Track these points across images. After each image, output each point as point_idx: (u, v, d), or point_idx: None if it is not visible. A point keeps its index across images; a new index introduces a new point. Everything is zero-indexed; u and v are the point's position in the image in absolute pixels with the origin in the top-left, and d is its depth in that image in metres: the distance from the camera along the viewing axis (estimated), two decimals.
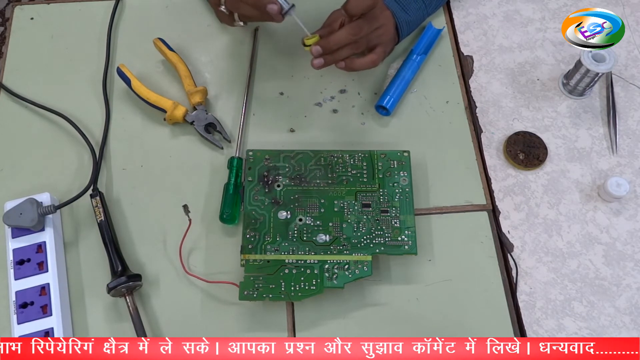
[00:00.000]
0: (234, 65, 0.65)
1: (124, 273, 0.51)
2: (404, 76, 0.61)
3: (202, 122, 0.59)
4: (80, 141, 0.59)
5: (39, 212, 0.52)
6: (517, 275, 0.54)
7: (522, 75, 0.65)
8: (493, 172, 0.59)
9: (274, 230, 0.53)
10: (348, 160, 0.56)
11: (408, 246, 0.52)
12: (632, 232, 0.56)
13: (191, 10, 0.69)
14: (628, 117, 0.62)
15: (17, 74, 0.64)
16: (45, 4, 0.69)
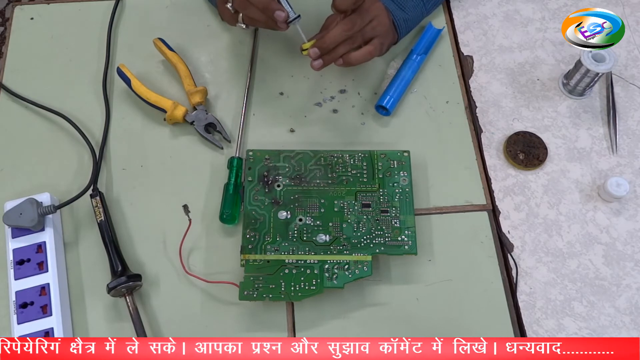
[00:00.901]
0: (234, 65, 0.65)
1: (124, 273, 0.51)
2: (404, 76, 0.61)
3: (202, 122, 0.59)
4: (80, 141, 0.59)
5: (39, 212, 0.52)
6: (517, 275, 0.54)
7: (522, 75, 0.65)
8: (493, 172, 0.59)
9: (274, 230, 0.53)
10: (348, 160, 0.56)
11: (408, 246, 0.52)
12: (632, 232, 0.56)
13: (191, 10, 0.69)
14: (628, 117, 0.62)
15: (17, 74, 0.64)
16: (45, 4, 0.69)
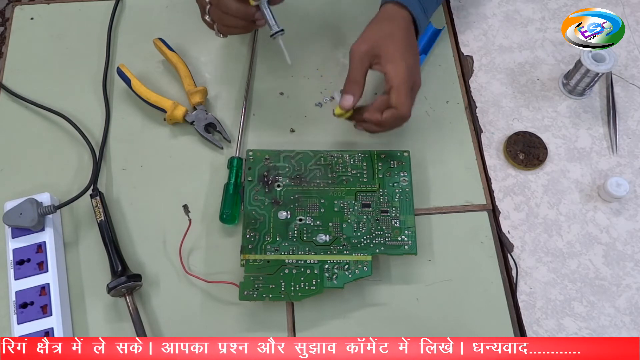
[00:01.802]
0: (234, 65, 0.65)
1: (124, 273, 0.51)
2: None
3: (202, 122, 0.59)
4: (80, 141, 0.59)
5: (39, 212, 0.52)
6: (517, 275, 0.54)
7: (522, 75, 0.65)
8: (493, 172, 0.59)
9: (274, 230, 0.53)
10: (348, 160, 0.56)
11: (408, 246, 0.52)
12: (632, 232, 0.56)
13: (191, 10, 0.68)
14: (628, 117, 0.62)
15: (17, 74, 0.64)
16: (45, 4, 0.69)
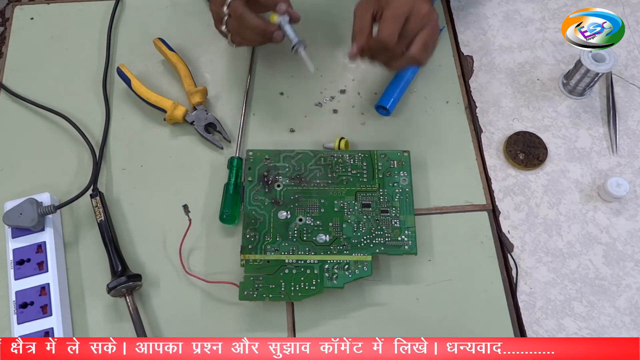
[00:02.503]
0: (234, 65, 0.65)
1: (124, 273, 0.51)
2: (403, 76, 0.61)
3: (202, 122, 0.60)
4: (80, 141, 0.59)
5: (39, 212, 0.52)
6: (517, 275, 0.54)
7: (522, 75, 0.65)
8: (493, 172, 0.59)
9: (274, 230, 0.53)
10: (348, 160, 0.56)
11: (408, 246, 0.52)
12: (632, 232, 0.56)
13: (191, 10, 0.69)
14: (628, 117, 0.62)
15: (17, 74, 0.64)
16: (45, 4, 0.69)
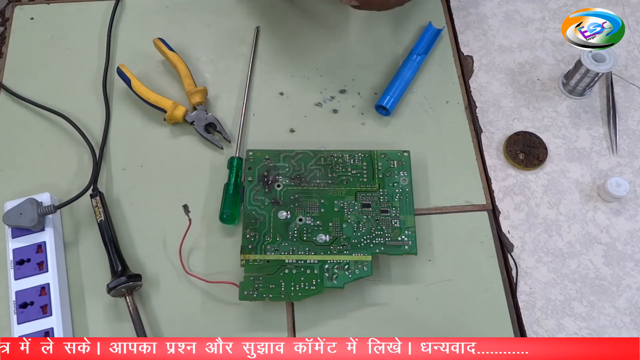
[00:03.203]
0: (234, 65, 0.65)
1: (124, 273, 0.51)
2: (404, 76, 0.61)
3: (202, 122, 0.60)
4: (80, 141, 0.59)
5: (39, 212, 0.52)
6: (517, 275, 0.54)
7: (522, 75, 0.65)
8: (493, 172, 0.59)
9: (274, 230, 0.53)
10: (348, 160, 0.56)
11: (408, 246, 0.52)
12: (632, 232, 0.56)
13: (191, 10, 0.69)
14: (628, 117, 0.62)
15: (17, 74, 0.64)
16: (45, 4, 0.69)
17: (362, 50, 0.66)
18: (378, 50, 0.66)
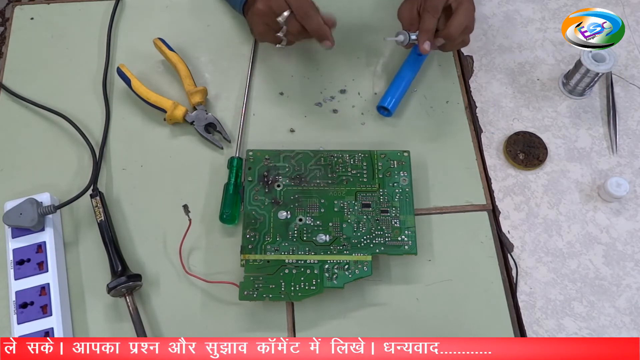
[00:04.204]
0: (234, 65, 0.65)
1: (124, 273, 0.51)
2: (404, 76, 0.61)
3: (202, 122, 0.59)
4: (80, 141, 0.59)
5: (39, 212, 0.52)
6: (517, 275, 0.54)
7: (522, 75, 0.65)
8: (493, 172, 0.59)
9: (274, 230, 0.53)
10: (348, 160, 0.56)
11: (408, 246, 0.52)
12: (632, 232, 0.56)
13: (191, 10, 0.69)
14: (628, 117, 0.62)
15: (17, 74, 0.64)
16: (45, 4, 0.69)
17: (363, 50, 0.66)
18: (378, 50, 0.66)
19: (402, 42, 0.57)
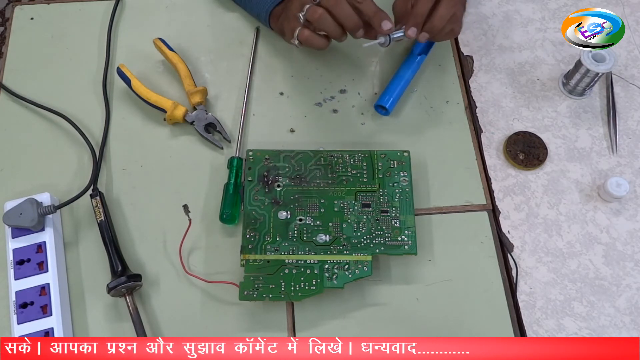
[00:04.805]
0: (234, 65, 0.65)
1: (124, 273, 0.51)
2: (403, 76, 0.61)
3: (202, 122, 0.60)
4: (80, 141, 0.59)
5: (39, 212, 0.52)
6: (517, 275, 0.54)
7: (522, 75, 0.65)
8: (493, 172, 0.59)
9: (274, 230, 0.53)
10: (348, 160, 0.56)
11: (408, 246, 0.52)
12: (632, 232, 0.56)
13: (191, 10, 0.69)
14: (628, 117, 0.62)
15: (17, 74, 0.64)
16: (45, 4, 0.69)
17: (362, 50, 0.66)
18: (378, 50, 0.66)
19: (383, 43, 0.56)
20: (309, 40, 0.55)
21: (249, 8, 0.66)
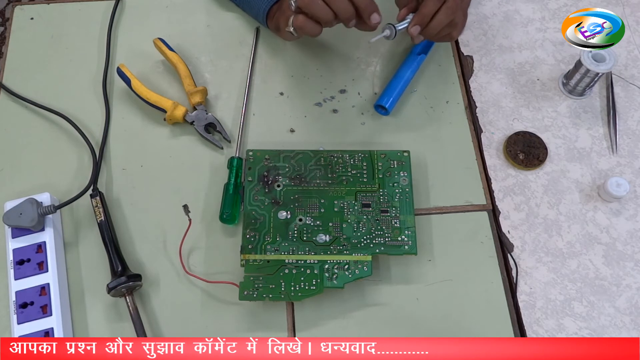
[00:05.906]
0: (234, 65, 0.65)
1: (124, 273, 0.51)
2: (403, 76, 0.61)
3: (202, 122, 0.60)
4: (80, 141, 0.59)
5: (39, 212, 0.52)
6: (517, 275, 0.54)
7: (522, 75, 0.65)
8: (493, 172, 0.59)
9: (274, 230, 0.53)
10: (348, 160, 0.56)
11: (408, 246, 0.52)
12: (632, 232, 0.56)
13: (191, 10, 0.69)
14: (628, 117, 0.62)
15: (17, 74, 0.64)
16: (45, 4, 0.69)
17: (362, 50, 0.66)
18: (378, 50, 0.66)
19: (389, 36, 0.56)
20: (304, 26, 0.54)
21: (247, 9, 0.66)
